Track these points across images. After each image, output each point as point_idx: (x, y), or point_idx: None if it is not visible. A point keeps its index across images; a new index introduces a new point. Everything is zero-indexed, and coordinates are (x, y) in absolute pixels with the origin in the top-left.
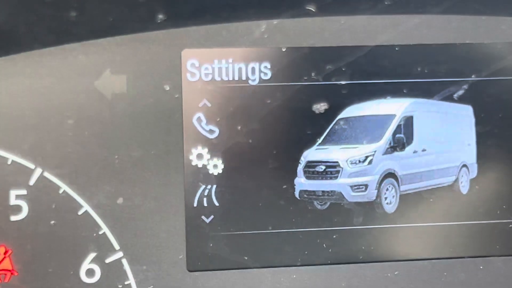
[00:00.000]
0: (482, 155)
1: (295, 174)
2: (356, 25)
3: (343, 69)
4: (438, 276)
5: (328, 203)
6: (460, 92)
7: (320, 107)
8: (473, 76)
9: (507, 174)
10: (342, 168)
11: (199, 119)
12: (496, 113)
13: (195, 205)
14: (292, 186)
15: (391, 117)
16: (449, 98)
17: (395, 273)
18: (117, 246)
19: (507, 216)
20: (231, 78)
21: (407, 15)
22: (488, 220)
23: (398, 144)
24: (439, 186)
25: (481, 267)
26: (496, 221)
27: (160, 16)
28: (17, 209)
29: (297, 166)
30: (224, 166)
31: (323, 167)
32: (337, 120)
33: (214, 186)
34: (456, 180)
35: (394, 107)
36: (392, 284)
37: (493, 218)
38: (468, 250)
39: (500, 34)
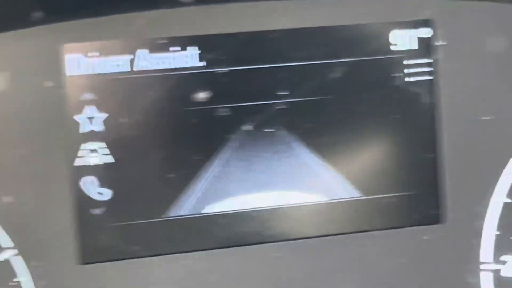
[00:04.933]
0: (360, 132)
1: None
2: (231, 13)
3: (223, 57)
4: (326, 253)
5: None
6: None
7: (202, 95)
8: (351, 57)
9: (388, 149)
10: None
11: (84, 113)
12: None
13: (84, 198)
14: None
15: None
16: None
17: (284, 252)
18: (10, 244)
19: (388, 191)
20: (113, 71)
21: (278, 1)
22: (370, 196)
23: None
24: None
25: (368, 241)
26: (378, 196)
27: (37, 13)
28: None
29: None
30: (113, 158)
31: None
32: None
33: (104, 178)
34: None
35: None
36: (281, 262)
37: (376, 193)
38: (352, 226)
39: (375, 14)
